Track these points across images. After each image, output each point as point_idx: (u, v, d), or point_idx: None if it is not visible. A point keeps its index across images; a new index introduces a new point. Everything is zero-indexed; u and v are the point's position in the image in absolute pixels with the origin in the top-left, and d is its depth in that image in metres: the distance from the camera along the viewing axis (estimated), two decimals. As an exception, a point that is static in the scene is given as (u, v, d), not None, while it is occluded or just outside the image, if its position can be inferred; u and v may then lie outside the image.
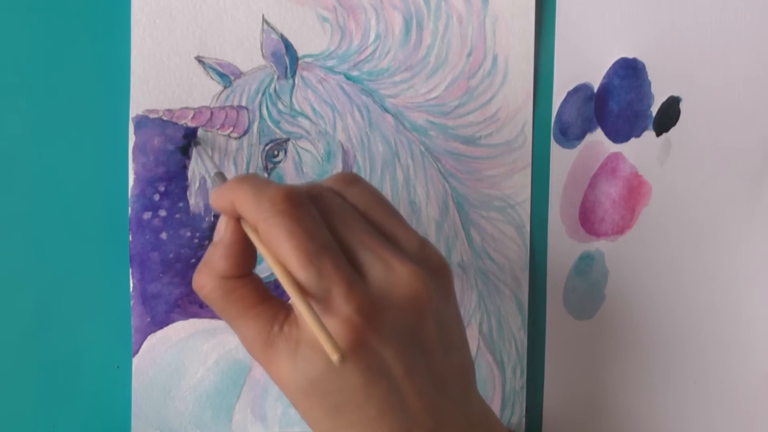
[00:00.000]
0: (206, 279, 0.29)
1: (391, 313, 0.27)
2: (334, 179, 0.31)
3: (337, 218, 0.28)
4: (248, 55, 0.37)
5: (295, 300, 0.26)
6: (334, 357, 0.25)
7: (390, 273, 0.27)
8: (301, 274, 0.26)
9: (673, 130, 0.44)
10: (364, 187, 0.30)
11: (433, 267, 0.29)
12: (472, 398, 0.31)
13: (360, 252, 0.28)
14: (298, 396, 0.28)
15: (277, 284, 0.39)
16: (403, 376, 0.27)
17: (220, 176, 0.35)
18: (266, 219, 0.27)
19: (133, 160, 0.37)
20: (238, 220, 0.29)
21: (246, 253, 0.29)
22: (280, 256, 0.27)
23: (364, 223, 0.29)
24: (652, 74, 0.43)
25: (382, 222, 0.29)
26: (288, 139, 0.38)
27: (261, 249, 0.28)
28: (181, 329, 0.38)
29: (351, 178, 0.31)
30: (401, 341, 0.27)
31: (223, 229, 0.29)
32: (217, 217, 0.38)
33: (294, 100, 0.38)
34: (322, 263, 0.26)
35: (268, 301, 0.29)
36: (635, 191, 0.44)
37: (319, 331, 0.25)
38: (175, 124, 0.37)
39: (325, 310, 0.26)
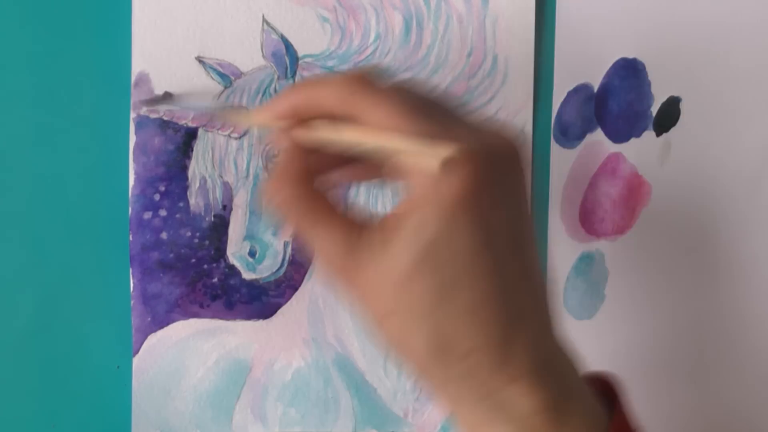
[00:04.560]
0: (282, 183, 0.27)
1: (497, 170, 0.25)
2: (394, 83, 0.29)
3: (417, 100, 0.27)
4: (248, 55, 0.37)
5: (391, 140, 0.25)
6: (444, 154, 0.23)
7: (486, 136, 0.26)
8: (404, 128, 0.25)
9: (673, 130, 0.44)
10: (426, 89, 0.29)
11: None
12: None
13: (447, 122, 0.26)
14: (397, 289, 0.25)
15: (277, 284, 0.39)
16: (511, 248, 0.25)
17: (168, 95, 0.34)
18: (353, 93, 0.26)
19: (134, 160, 0.37)
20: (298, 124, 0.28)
21: (314, 155, 0.28)
22: (375, 122, 0.25)
23: (442, 106, 0.27)
24: (652, 74, 0.43)
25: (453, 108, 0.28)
26: None
27: (342, 133, 0.26)
28: (181, 329, 0.38)
29: (411, 83, 0.29)
30: (507, 205, 0.26)
31: (288, 135, 0.28)
32: (217, 216, 0.38)
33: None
34: (422, 119, 0.25)
35: (345, 207, 0.27)
36: (635, 191, 0.44)
37: (424, 146, 0.24)
38: (176, 124, 0.37)
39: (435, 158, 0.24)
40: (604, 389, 0.29)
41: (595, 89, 0.42)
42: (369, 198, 0.40)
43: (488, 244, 0.25)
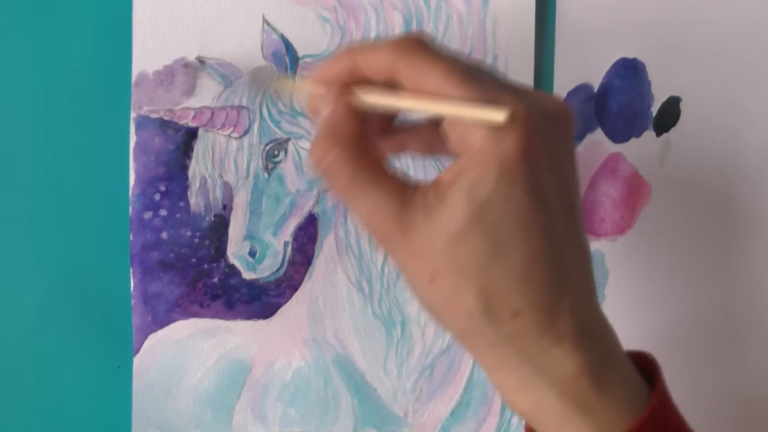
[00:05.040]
0: (331, 144, 0.26)
1: (550, 131, 0.25)
2: None
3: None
4: (248, 55, 0.37)
5: (457, 109, 0.24)
6: (501, 116, 0.23)
7: (539, 97, 0.26)
8: (461, 93, 0.25)
9: (673, 130, 0.44)
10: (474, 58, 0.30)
11: None
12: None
13: (503, 87, 0.26)
14: (448, 248, 0.25)
15: (277, 284, 0.39)
16: (561, 209, 0.25)
17: (259, 72, 0.33)
18: (408, 55, 0.25)
19: (134, 160, 0.37)
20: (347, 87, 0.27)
21: (363, 118, 0.27)
22: (430, 87, 0.25)
23: (493, 72, 0.27)
24: (652, 74, 0.43)
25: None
26: (288, 139, 0.38)
27: (396, 98, 0.26)
28: (181, 329, 0.38)
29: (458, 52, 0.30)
30: (559, 167, 0.25)
31: (335, 99, 0.27)
32: (217, 216, 0.38)
33: (294, 100, 0.38)
34: (478, 80, 0.25)
35: (393, 170, 0.26)
36: (635, 191, 0.44)
37: (480, 107, 0.24)
38: (176, 124, 0.37)
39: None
40: (642, 367, 0.29)
41: (595, 89, 0.42)
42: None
43: (542, 204, 0.25)
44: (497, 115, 0.24)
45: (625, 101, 0.43)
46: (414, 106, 0.26)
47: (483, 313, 0.25)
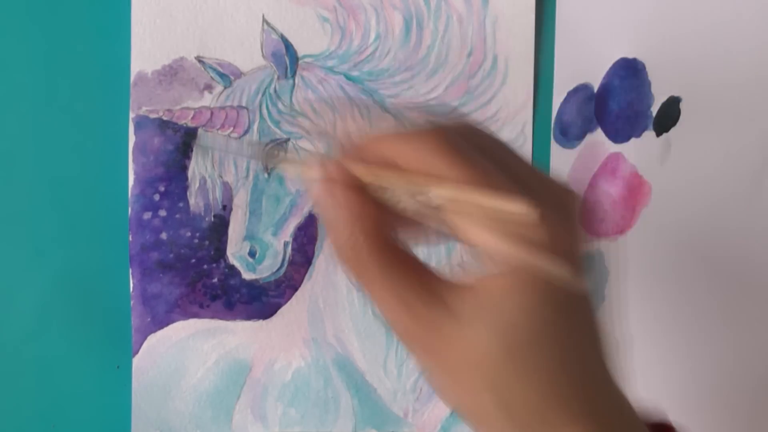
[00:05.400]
0: (357, 236, 0.23)
1: (580, 233, 0.24)
2: (459, 126, 0.26)
3: (487, 153, 0.24)
4: (248, 55, 0.37)
5: (470, 194, 0.22)
6: (534, 212, 0.21)
7: (553, 190, 0.24)
8: (463, 174, 0.22)
9: (673, 130, 0.44)
10: (490, 132, 0.26)
11: None
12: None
13: (521, 177, 0.24)
14: (474, 371, 0.23)
15: (277, 284, 0.39)
16: (593, 330, 0.24)
17: (282, 146, 0.32)
18: (432, 155, 0.23)
19: (133, 160, 0.37)
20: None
21: (377, 205, 0.24)
22: (437, 169, 0.23)
23: (508, 154, 0.25)
24: (652, 74, 0.43)
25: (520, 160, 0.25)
26: (288, 139, 0.38)
27: (432, 189, 0.23)
28: (181, 329, 0.38)
29: (473, 124, 0.26)
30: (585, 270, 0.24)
31: (356, 189, 0.24)
32: (217, 216, 0.38)
33: (294, 100, 0.38)
34: (502, 180, 0.23)
35: (423, 263, 0.24)
36: (635, 191, 0.44)
37: (514, 203, 0.22)
38: (175, 124, 0.37)
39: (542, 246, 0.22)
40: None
41: (595, 89, 0.42)
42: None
43: (584, 323, 0.24)
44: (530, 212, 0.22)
45: (625, 101, 0.43)
46: (446, 197, 0.23)
47: (506, 419, 0.23)
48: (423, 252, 0.26)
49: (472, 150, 0.24)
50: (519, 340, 0.22)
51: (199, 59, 0.37)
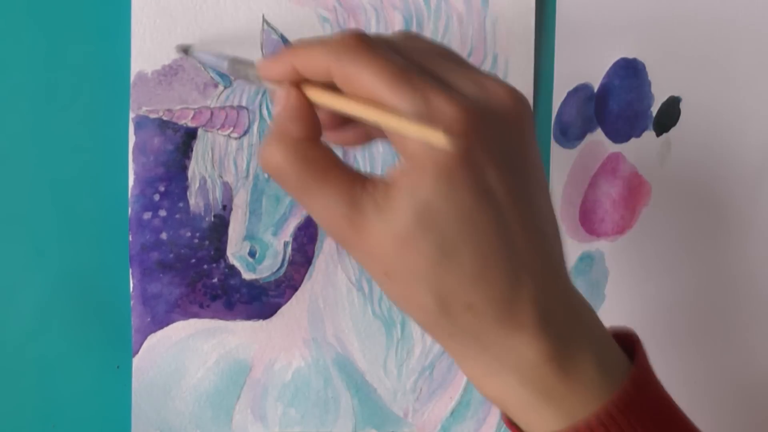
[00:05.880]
0: (276, 147, 0.26)
1: (494, 125, 0.25)
2: (398, 33, 0.28)
3: (415, 54, 0.26)
4: (248, 55, 0.37)
5: (383, 116, 0.24)
6: (442, 140, 0.23)
7: (485, 88, 0.26)
8: (393, 97, 0.24)
9: (673, 130, 0.44)
10: (430, 40, 0.28)
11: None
12: (563, 263, 0.28)
13: (448, 76, 0.26)
14: (396, 252, 0.25)
15: (277, 284, 0.39)
16: (509, 202, 0.25)
17: (237, 61, 0.33)
18: (339, 59, 0.25)
19: (133, 160, 0.37)
20: (298, 85, 0.27)
21: (315, 115, 0.27)
22: (363, 91, 0.25)
23: (444, 57, 0.27)
24: (652, 74, 0.43)
25: (460, 61, 0.27)
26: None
27: (336, 101, 0.26)
28: (181, 329, 0.38)
29: (415, 33, 0.29)
30: (504, 160, 0.25)
31: (285, 97, 0.27)
32: (217, 216, 0.38)
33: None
34: (412, 79, 0.24)
35: (343, 166, 0.26)
36: (635, 191, 0.44)
37: (419, 126, 0.23)
38: (175, 124, 0.37)
39: (426, 123, 0.24)
40: (626, 345, 0.29)
41: (595, 89, 0.42)
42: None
43: (487, 201, 0.25)
44: (435, 138, 0.23)
45: (625, 101, 0.43)
46: (351, 111, 0.26)
47: (437, 308, 0.26)
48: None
49: (392, 52, 0.25)
50: (435, 222, 0.25)
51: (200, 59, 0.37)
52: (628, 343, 0.29)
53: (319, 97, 0.27)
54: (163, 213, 0.37)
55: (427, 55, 0.27)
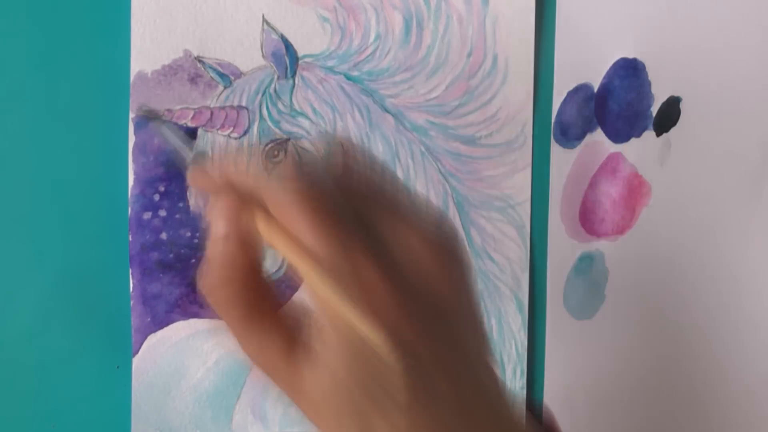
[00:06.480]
0: (222, 281, 0.25)
1: (423, 306, 0.25)
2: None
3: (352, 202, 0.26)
4: (248, 55, 0.37)
5: (322, 282, 0.23)
6: (388, 354, 0.23)
7: (415, 258, 0.25)
8: (322, 247, 0.23)
9: (673, 130, 0.44)
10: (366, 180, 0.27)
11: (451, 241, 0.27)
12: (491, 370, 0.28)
13: (383, 231, 0.25)
14: (327, 401, 0.24)
15: (277, 284, 0.39)
16: (431, 359, 0.24)
17: (200, 155, 0.32)
18: (280, 203, 0.24)
19: (133, 161, 0.37)
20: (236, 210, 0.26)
21: (258, 247, 0.25)
22: (296, 230, 0.24)
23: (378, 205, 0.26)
24: (652, 74, 0.43)
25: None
26: (288, 139, 0.38)
27: (272, 232, 0.24)
28: (181, 329, 0.38)
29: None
30: (431, 334, 0.25)
31: (224, 223, 0.25)
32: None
33: (294, 100, 0.38)
34: (340, 232, 0.24)
35: (284, 307, 0.26)
36: (635, 191, 0.44)
37: (357, 315, 0.23)
38: (175, 124, 0.37)
39: (355, 285, 0.23)
40: None
41: (595, 89, 0.42)
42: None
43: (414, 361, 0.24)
44: (378, 347, 0.23)
45: (625, 101, 0.43)
46: (281, 246, 0.24)
47: None
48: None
49: (332, 218, 0.24)
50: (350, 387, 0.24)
51: (199, 59, 0.37)
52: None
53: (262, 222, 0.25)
54: (163, 213, 0.37)
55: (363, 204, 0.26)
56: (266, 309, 0.25)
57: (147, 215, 0.37)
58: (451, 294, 0.26)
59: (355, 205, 0.26)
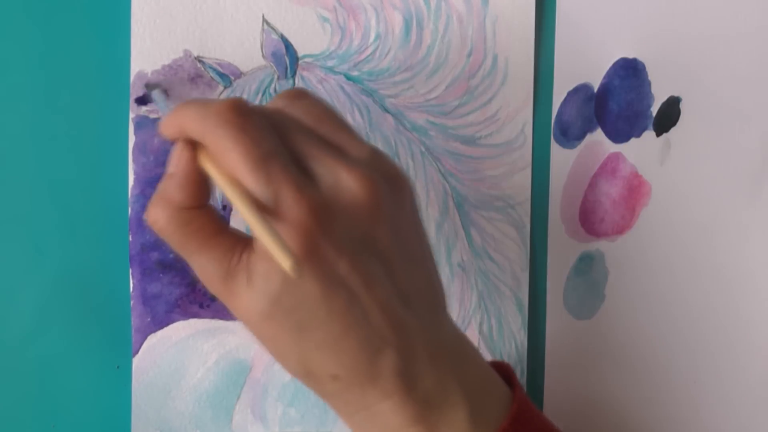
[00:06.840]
0: (161, 212, 0.28)
1: (343, 218, 0.27)
2: (282, 95, 0.30)
3: (284, 131, 0.28)
4: (248, 55, 0.37)
5: (243, 208, 0.26)
6: (287, 264, 0.24)
7: (338, 178, 0.27)
8: (249, 180, 0.26)
9: (673, 130, 0.44)
10: (311, 101, 0.30)
11: (385, 175, 0.28)
12: (442, 319, 0.30)
13: (308, 161, 0.27)
14: (260, 324, 0.27)
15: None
16: (363, 287, 0.27)
17: (163, 93, 0.34)
18: (212, 130, 0.26)
19: (133, 160, 0.37)
20: (191, 147, 0.28)
21: (202, 183, 0.28)
22: (227, 166, 0.26)
23: (312, 135, 0.28)
24: (652, 74, 0.43)
25: (331, 134, 0.29)
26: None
27: (208, 167, 0.27)
28: (181, 329, 0.38)
29: (298, 93, 0.30)
30: (356, 249, 0.27)
31: (176, 159, 0.28)
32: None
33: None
34: (270, 168, 0.26)
35: (226, 232, 0.28)
36: (635, 191, 0.44)
37: (269, 237, 0.25)
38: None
39: (276, 216, 0.26)
40: (503, 376, 0.32)
41: (595, 89, 0.42)
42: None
43: (335, 290, 0.27)
44: (284, 260, 0.25)
45: (625, 101, 0.43)
46: (221, 188, 0.27)
47: (305, 376, 0.28)
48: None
49: (267, 130, 0.27)
50: (288, 307, 0.27)
51: (199, 59, 0.37)
52: (505, 376, 0.32)
53: (206, 164, 0.27)
54: (163, 213, 0.37)
55: (299, 132, 0.28)
56: (205, 239, 0.28)
57: (147, 215, 0.37)
58: (381, 229, 0.28)
59: (294, 139, 0.28)
